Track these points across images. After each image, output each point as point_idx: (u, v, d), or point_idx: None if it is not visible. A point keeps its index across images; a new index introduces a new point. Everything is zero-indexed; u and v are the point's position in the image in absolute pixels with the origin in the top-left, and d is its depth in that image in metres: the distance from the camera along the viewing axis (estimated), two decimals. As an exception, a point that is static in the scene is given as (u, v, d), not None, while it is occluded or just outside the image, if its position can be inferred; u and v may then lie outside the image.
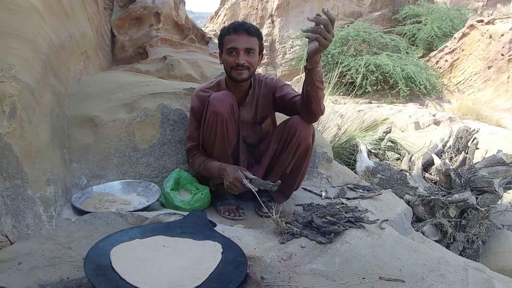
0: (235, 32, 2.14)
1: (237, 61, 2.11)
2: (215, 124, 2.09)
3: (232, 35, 2.14)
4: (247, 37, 2.13)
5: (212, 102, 2.10)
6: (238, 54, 2.12)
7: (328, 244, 1.73)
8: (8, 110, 1.65)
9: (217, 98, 2.12)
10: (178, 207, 2.14)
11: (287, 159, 2.18)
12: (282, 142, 2.19)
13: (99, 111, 2.49)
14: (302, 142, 2.14)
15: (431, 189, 3.44)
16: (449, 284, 1.49)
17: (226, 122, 2.10)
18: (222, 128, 2.10)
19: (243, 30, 2.13)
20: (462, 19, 12.79)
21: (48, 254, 1.56)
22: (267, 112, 2.35)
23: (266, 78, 2.36)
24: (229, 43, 2.14)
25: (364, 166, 3.69)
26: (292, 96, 2.23)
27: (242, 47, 2.12)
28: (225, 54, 2.17)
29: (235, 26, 2.16)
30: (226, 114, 2.09)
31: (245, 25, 2.17)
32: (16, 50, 1.84)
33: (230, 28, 2.17)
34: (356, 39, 12.02)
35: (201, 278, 1.32)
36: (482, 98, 10.18)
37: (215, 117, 2.08)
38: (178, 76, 3.64)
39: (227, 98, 2.12)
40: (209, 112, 2.11)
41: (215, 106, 2.09)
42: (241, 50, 2.12)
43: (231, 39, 2.14)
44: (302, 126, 2.13)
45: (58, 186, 1.93)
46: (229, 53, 2.14)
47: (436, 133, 5.87)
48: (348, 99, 7.52)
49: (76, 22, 2.88)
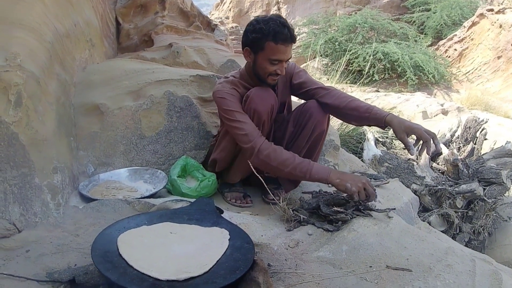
0: (284, 43, 1.93)
1: (279, 71, 1.99)
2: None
3: (280, 45, 1.93)
4: (291, 45, 1.98)
5: (254, 99, 2.00)
6: (281, 64, 1.98)
7: (335, 232, 1.73)
8: (14, 99, 1.65)
9: (259, 95, 2.01)
10: (184, 194, 2.15)
11: (302, 143, 2.16)
12: (297, 125, 2.17)
13: (105, 99, 2.48)
14: (317, 127, 2.12)
15: (438, 179, 3.42)
16: (456, 275, 1.48)
17: (263, 123, 2.04)
18: (258, 128, 2.01)
19: (290, 40, 1.94)
20: (472, 7, 12.58)
21: (56, 242, 1.57)
22: (285, 98, 2.28)
23: None
24: (275, 54, 1.95)
25: (371, 154, 3.67)
26: (314, 87, 2.15)
27: (287, 58, 1.99)
28: (264, 61, 1.99)
29: (285, 36, 1.92)
30: (265, 115, 2.02)
31: (291, 33, 1.94)
32: (20, 39, 1.83)
33: (277, 37, 1.91)
34: (364, 27, 11.88)
35: (208, 264, 1.32)
36: (491, 89, 10.06)
37: (253, 115, 2.00)
38: (184, 63, 3.63)
39: (269, 98, 2.04)
40: (247, 109, 2.01)
41: (256, 104, 2.00)
42: (284, 61, 1.99)
43: (278, 50, 1.94)
44: (318, 111, 2.11)
45: (65, 174, 1.93)
46: (272, 62, 1.97)
47: (444, 122, 5.83)
48: (355, 87, 7.48)
49: (80, 10, 2.87)
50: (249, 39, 2.01)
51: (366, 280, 1.43)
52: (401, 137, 1.84)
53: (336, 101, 2.07)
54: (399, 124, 1.84)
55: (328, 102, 2.10)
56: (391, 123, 1.88)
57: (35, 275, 1.35)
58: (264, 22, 1.95)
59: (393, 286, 1.39)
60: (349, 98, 2.08)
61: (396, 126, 1.85)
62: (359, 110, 2.00)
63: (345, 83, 7.82)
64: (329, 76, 7.94)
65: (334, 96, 2.10)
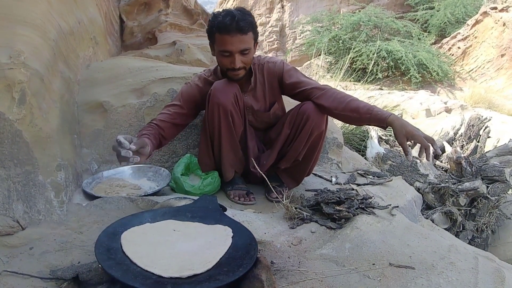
0: (227, 33, 1.90)
1: (233, 65, 1.96)
2: (219, 116, 2.04)
3: (224, 35, 1.91)
4: (240, 36, 1.91)
5: (215, 94, 2.02)
6: (233, 57, 1.95)
7: (338, 229, 1.73)
8: (18, 96, 1.65)
9: (219, 88, 2.03)
10: (188, 192, 2.15)
11: (300, 146, 2.14)
12: (294, 128, 2.13)
13: (109, 96, 2.49)
14: (315, 129, 2.09)
15: (442, 177, 3.41)
16: (459, 272, 1.48)
17: (231, 113, 2.04)
18: (227, 119, 2.05)
19: (235, 30, 1.89)
20: (476, 5, 12.53)
21: (59, 239, 1.57)
22: (274, 98, 2.27)
23: (267, 62, 2.22)
24: (221, 45, 1.94)
25: (374, 152, 3.66)
26: (309, 88, 2.11)
27: (236, 50, 1.93)
28: (218, 54, 2.00)
29: (226, 25, 1.89)
30: (230, 105, 2.03)
31: (237, 22, 1.89)
32: (24, 37, 1.83)
33: (220, 27, 1.91)
34: (367, 25, 11.86)
35: (211, 262, 1.32)
36: (494, 87, 10.04)
37: (218, 109, 2.03)
38: (188, 61, 3.63)
39: (230, 87, 2.04)
40: (211, 104, 2.04)
41: (217, 97, 2.01)
42: (235, 53, 1.94)
43: (223, 40, 1.92)
44: (315, 113, 2.07)
45: (68, 171, 1.94)
46: (223, 55, 1.97)
47: (447, 120, 5.82)
48: (359, 85, 7.46)
49: (84, 8, 2.87)
50: (207, 34, 2.05)
51: (369, 277, 1.43)
52: (401, 141, 1.80)
53: (334, 103, 2.02)
54: (401, 128, 1.80)
55: (325, 105, 2.04)
56: (393, 124, 1.83)
57: (38, 273, 1.35)
58: (214, 15, 1.97)
59: (396, 284, 1.39)
60: (347, 98, 2.02)
61: (398, 129, 1.80)
62: (359, 111, 1.95)
63: (349, 81, 7.80)
64: (332, 74, 7.93)
65: (331, 97, 2.04)
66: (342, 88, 5.64)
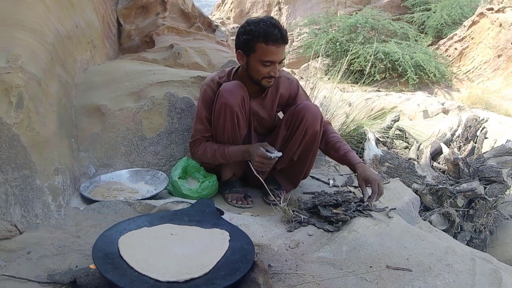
0: (274, 44, 1.95)
1: (273, 73, 2.02)
2: (225, 116, 2.07)
3: (271, 46, 1.95)
4: (283, 47, 1.99)
5: (223, 94, 2.06)
6: (274, 66, 2.00)
7: (336, 232, 1.74)
8: (15, 100, 1.66)
9: (228, 89, 2.06)
10: (185, 195, 2.15)
11: (295, 146, 2.16)
12: (290, 128, 2.17)
13: (106, 100, 2.49)
14: (309, 129, 2.11)
15: (439, 178, 3.41)
16: (456, 274, 1.48)
17: (236, 115, 2.07)
18: (233, 120, 2.08)
19: (282, 41, 1.96)
20: (472, 6, 12.59)
21: (57, 243, 1.57)
22: (279, 108, 2.34)
23: (284, 76, 2.28)
24: (265, 55, 1.97)
25: (372, 154, 3.67)
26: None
27: (279, 59, 2.00)
28: (257, 63, 2.01)
29: (275, 37, 1.94)
30: (237, 106, 2.06)
31: (283, 34, 1.96)
32: (22, 41, 1.84)
33: (268, 38, 1.94)
34: (364, 27, 11.90)
35: (208, 266, 1.32)
36: (491, 87, 10.07)
37: (225, 109, 2.05)
38: (185, 64, 3.63)
39: (238, 90, 2.07)
40: (219, 104, 2.07)
41: (225, 98, 2.05)
42: (277, 62, 2.01)
43: (269, 51, 1.96)
44: (309, 113, 2.11)
45: (66, 175, 1.94)
46: (264, 64, 2.00)
47: (444, 121, 5.83)
48: (356, 87, 7.47)
49: (81, 11, 2.87)
50: (240, 41, 2.04)
51: (366, 280, 1.43)
52: (360, 184, 2.01)
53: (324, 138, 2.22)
54: (361, 173, 2.01)
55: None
56: (357, 170, 2.06)
57: (36, 277, 1.35)
58: (254, 24, 1.98)
59: (393, 286, 1.40)
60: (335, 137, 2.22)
61: (359, 174, 2.03)
62: (339, 152, 2.16)
63: (347, 83, 7.82)
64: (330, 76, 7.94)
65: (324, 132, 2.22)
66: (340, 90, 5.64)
